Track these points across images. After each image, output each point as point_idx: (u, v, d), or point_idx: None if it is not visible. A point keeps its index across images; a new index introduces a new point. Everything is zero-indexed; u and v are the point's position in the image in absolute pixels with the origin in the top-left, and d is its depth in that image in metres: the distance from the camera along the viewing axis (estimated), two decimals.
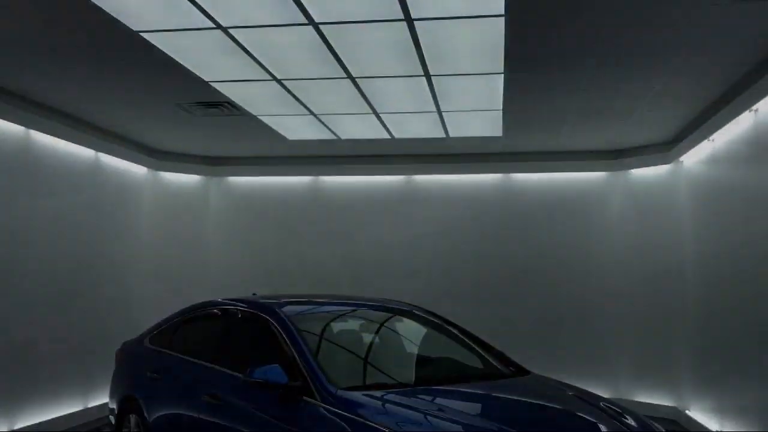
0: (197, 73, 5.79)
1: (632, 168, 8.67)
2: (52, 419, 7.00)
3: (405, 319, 5.39)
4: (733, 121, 6.19)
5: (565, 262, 8.90)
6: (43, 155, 7.07)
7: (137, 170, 8.90)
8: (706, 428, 7.00)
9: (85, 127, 7.64)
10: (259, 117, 7.20)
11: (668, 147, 8.11)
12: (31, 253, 6.82)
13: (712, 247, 7.02)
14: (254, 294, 5.61)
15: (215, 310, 5.38)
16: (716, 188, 6.93)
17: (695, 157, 7.52)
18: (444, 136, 7.91)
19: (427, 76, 5.78)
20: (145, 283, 8.93)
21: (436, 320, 5.43)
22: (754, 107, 5.75)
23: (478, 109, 6.81)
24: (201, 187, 9.71)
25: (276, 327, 4.52)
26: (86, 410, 7.59)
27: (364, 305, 5.43)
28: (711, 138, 6.84)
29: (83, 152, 7.73)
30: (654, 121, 7.27)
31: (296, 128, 7.73)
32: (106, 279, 8.12)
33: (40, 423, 6.80)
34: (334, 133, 7.91)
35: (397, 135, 7.93)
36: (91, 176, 7.90)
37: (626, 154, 8.69)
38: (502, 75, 5.72)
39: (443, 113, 6.94)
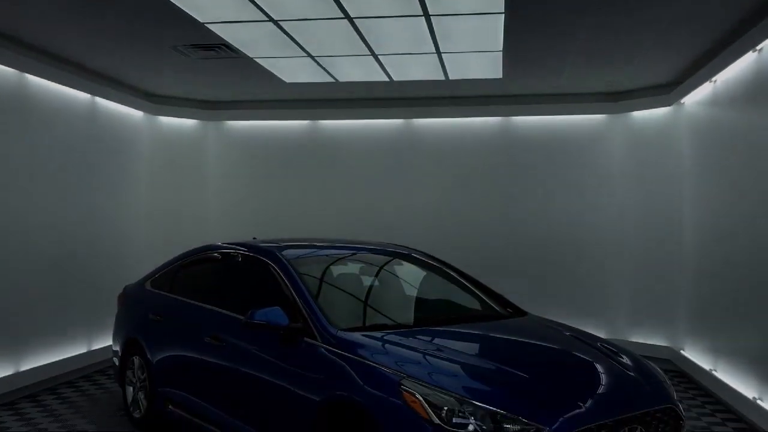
0: (192, 14, 5.68)
1: (633, 110, 8.59)
2: (57, 361, 7.12)
3: (404, 262, 5.44)
4: (736, 62, 6.11)
5: (564, 205, 8.91)
6: (37, 100, 6.98)
7: (134, 114, 8.82)
8: (699, 367, 7.13)
9: (81, 71, 7.52)
10: (256, 59, 7.09)
11: (669, 89, 8.02)
12: (29, 199, 6.81)
13: (713, 191, 7.02)
14: (254, 238, 5.64)
15: (216, 254, 5.42)
16: (718, 130, 6.89)
17: (697, 98, 7.45)
18: (443, 78, 7.81)
19: (426, 15, 5.68)
20: (144, 227, 8.95)
21: (434, 263, 5.48)
22: (758, 47, 5.65)
23: (477, 50, 6.71)
24: (199, 132, 9.63)
25: (276, 270, 4.57)
26: (90, 352, 7.71)
27: (363, 249, 5.47)
28: (713, 79, 6.76)
29: (79, 96, 7.64)
30: (655, 63, 7.17)
31: (293, 71, 7.63)
32: (105, 223, 8.13)
33: (45, 365, 6.91)
34: (332, 76, 7.81)
35: (395, 77, 7.84)
36: (87, 121, 7.83)
37: (627, 96, 8.60)
38: (503, 15, 5.62)
39: (442, 54, 6.84)
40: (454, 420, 3.18)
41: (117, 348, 6.08)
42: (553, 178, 8.94)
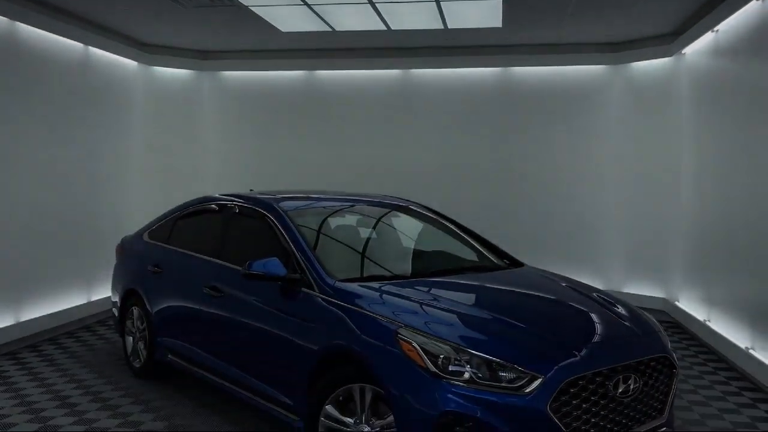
0: None
1: (633, 61, 8.50)
2: (57, 312, 7.17)
3: (402, 214, 5.44)
4: (739, 11, 6.01)
5: (563, 157, 8.88)
6: (29, 49, 6.87)
7: (128, 64, 8.70)
8: (694, 318, 7.21)
9: (73, 20, 7.39)
10: (251, 8, 6.96)
11: (670, 39, 7.92)
12: (24, 151, 6.76)
13: (712, 143, 6.99)
14: (251, 190, 5.62)
15: (213, 206, 5.41)
16: (719, 82, 6.81)
17: (698, 49, 7.36)
18: (442, 27, 7.69)
19: None
20: (139, 179, 8.93)
21: (432, 215, 5.48)
22: None
23: None
24: (193, 82, 9.52)
25: (274, 222, 4.57)
26: (90, 303, 7.76)
27: (361, 201, 5.46)
28: (715, 29, 6.66)
29: (72, 46, 7.52)
30: (656, 12, 7.06)
31: (289, 20, 7.50)
32: (99, 175, 8.09)
33: (45, 316, 6.96)
34: (329, 25, 7.69)
35: (393, 26, 7.71)
36: (80, 71, 7.72)
37: (627, 47, 8.49)
38: None
39: (441, 2, 6.71)
40: (450, 368, 3.22)
41: (116, 299, 6.12)
42: (552, 130, 8.89)
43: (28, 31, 6.80)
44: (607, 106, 8.76)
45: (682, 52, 7.76)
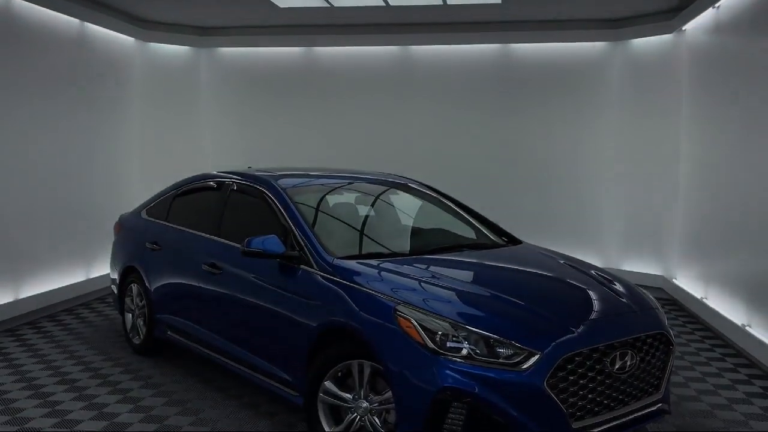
0: None
1: (633, 38, 8.44)
2: (56, 289, 7.19)
3: (400, 192, 5.43)
4: None
5: (561, 134, 8.86)
6: (24, 25, 6.81)
7: (125, 41, 8.63)
8: (691, 295, 7.24)
9: None
10: None
11: (671, 15, 7.86)
12: (21, 129, 6.73)
13: (712, 120, 6.97)
14: (249, 167, 5.61)
15: (211, 183, 5.40)
16: (719, 58, 6.78)
17: (698, 25, 7.30)
18: (441, 3, 7.63)
19: None
20: (137, 156, 8.90)
21: (430, 192, 5.48)
22: None
23: None
24: (191, 59, 9.45)
25: (272, 199, 4.56)
26: (88, 281, 7.78)
27: (359, 178, 5.45)
28: (716, 5, 6.61)
29: (68, 22, 7.45)
30: None
31: None
32: (97, 152, 8.07)
33: (44, 293, 6.98)
34: (327, 1, 7.62)
35: (392, 2, 7.64)
36: (76, 47, 7.66)
37: (627, 23, 8.42)
38: None
39: None
40: (448, 344, 3.23)
41: (115, 276, 6.13)
42: (551, 107, 8.85)
43: (22, 6, 6.73)
44: (607, 83, 8.72)
45: (683, 28, 7.71)
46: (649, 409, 3.61)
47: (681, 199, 7.83)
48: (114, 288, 6.19)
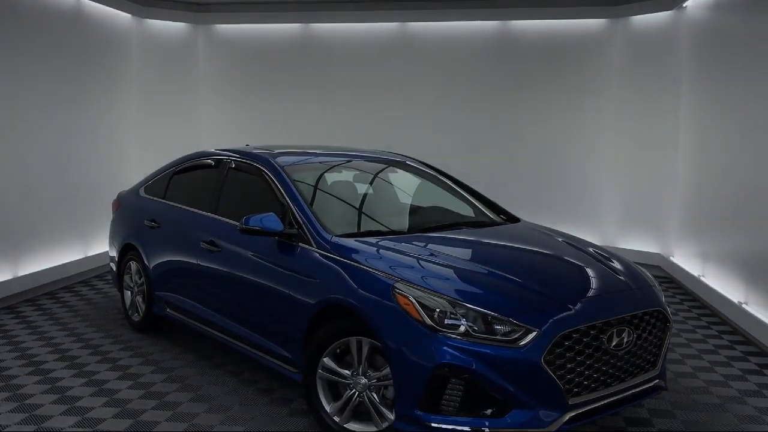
0: None
1: (633, 14, 8.38)
2: (55, 267, 7.20)
3: (398, 170, 5.42)
4: None
5: (560, 111, 8.83)
6: (21, 1, 6.75)
7: (122, 17, 8.55)
8: (688, 273, 7.26)
9: None
10: None
11: None
12: (16, 105, 6.70)
13: (711, 98, 6.94)
14: (247, 145, 5.59)
15: (209, 160, 5.39)
16: (720, 35, 6.73)
17: (699, 2, 7.25)
18: None
19: None
20: (134, 133, 8.87)
21: (429, 170, 5.47)
22: None
23: None
24: (189, 36, 9.38)
25: (270, 176, 4.56)
26: (87, 258, 7.79)
27: (358, 156, 5.44)
28: None
29: None
30: None
31: None
32: (94, 129, 8.03)
33: (43, 270, 6.99)
34: None
35: None
36: (72, 24, 7.59)
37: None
38: None
39: None
40: (446, 321, 3.25)
41: (114, 254, 6.13)
42: (550, 84, 8.82)
43: None
44: (607, 60, 8.68)
45: (683, 5, 7.65)
46: (646, 386, 3.64)
47: (679, 176, 7.83)
48: (113, 266, 6.20)
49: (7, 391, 4.39)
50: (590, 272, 3.90)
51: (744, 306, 5.71)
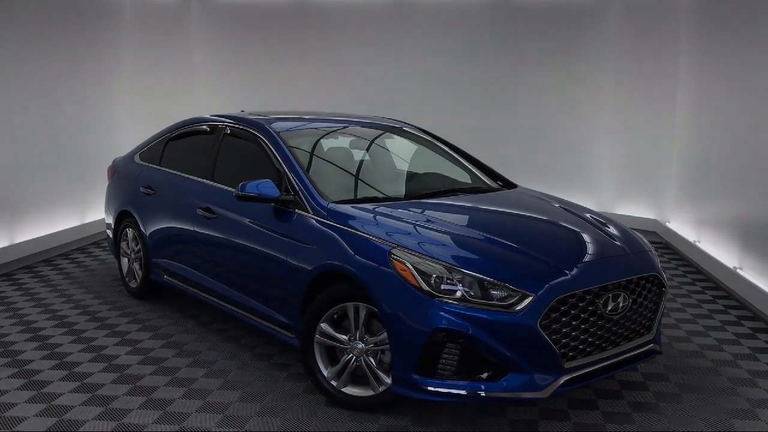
0: None
1: None
2: (51, 234, 7.19)
3: (395, 136, 5.40)
4: None
5: (557, 77, 8.76)
6: None
7: None
8: (684, 239, 7.29)
9: None
10: None
11: None
12: (8, 72, 6.62)
13: (710, 65, 6.89)
14: (242, 111, 5.55)
15: (204, 126, 5.35)
16: (719, 1, 6.68)
17: None
18: None
19: None
20: (128, 100, 8.79)
21: (426, 136, 5.44)
22: None
23: None
24: (183, 3, 9.25)
25: (266, 143, 4.53)
26: (83, 225, 7.78)
27: (354, 122, 5.40)
28: None
29: None
30: None
31: None
32: (88, 96, 7.97)
33: (39, 237, 6.99)
34: None
35: None
36: None
37: None
38: None
39: None
40: (443, 287, 3.26)
41: (110, 221, 6.12)
42: (547, 50, 8.74)
43: None
44: (606, 24, 8.58)
45: None
46: (641, 350, 3.68)
47: (676, 142, 7.81)
48: (109, 232, 6.19)
49: (6, 357, 4.41)
50: (586, 237, 3.91)
51: (739, 271, 5.74)
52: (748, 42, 5.81)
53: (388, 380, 3.47)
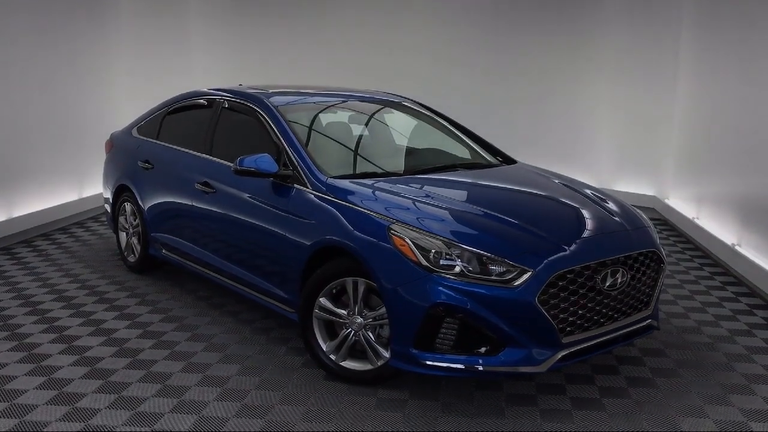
0: None
1: None
2: (50, 208, 7.18)
3: (395, 111, 5.36)
4: None
5: (556, 51, 8.70)
6: None
7: None
8: (683, 216, 7.29)
9: None
10: None
11: None
12: (5, 47, 6.56)
13: (710, 40, 6.84)
14: (240, 85, 5.50)
15: (202, 100, 5.31)
16: None
17: None
18: None
19: None
20: (126, 74, 8.73)
21: (425, 111, 5.41)
22: None
23: None
24: None
25: (264, 117, 4.50)
26: (81, 200, 7.77)
27: (354, 96, 5.37)
28: None
29: None
30: None
31: None
32: (85, 70, 7.91)
33: (37, 212, 6.97)
34: None
35: None
36: None
37: None
38: None
39: None
40: (442, 262, 3.26)
41: (108, 195, 6.10)
42: (548, 25, 8.67)
43: None
44: (605, 2, 8.50)
45: None
46: (638, 325, 3.69)
47: (675, 119, 7.78)
48: (107, 207, 6.17)
49: (6, 330, 4.42)
50: (585, 213, 3.90)
51: (737, 248, 5.75)
52: (749, 17, 5.75)
53: (387, 354, 3.49)
